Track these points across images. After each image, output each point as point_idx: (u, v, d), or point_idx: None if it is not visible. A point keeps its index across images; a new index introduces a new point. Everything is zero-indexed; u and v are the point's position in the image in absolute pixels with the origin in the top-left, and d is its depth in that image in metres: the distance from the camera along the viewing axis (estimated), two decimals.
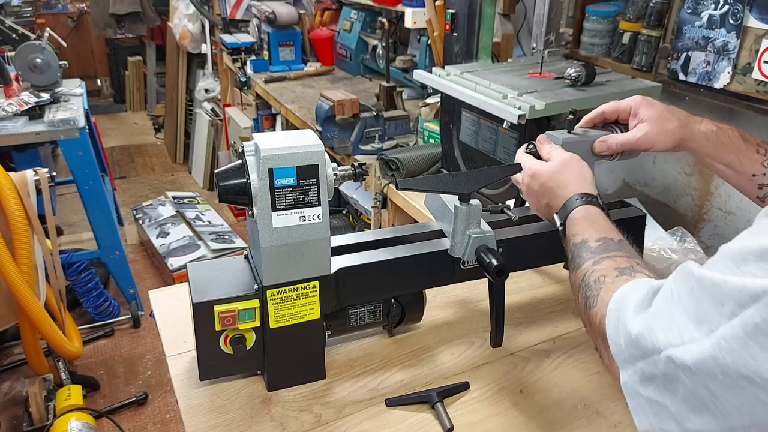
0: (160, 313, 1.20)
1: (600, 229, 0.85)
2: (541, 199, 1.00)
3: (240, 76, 3.32)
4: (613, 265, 0.76)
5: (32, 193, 2.04)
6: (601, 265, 0.77)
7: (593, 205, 0.91)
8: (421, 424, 0.96)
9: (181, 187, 4.65)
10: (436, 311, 1.23)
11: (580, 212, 0.90)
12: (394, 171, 1.89)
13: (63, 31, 5.78)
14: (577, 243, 0.85)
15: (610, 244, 0.82)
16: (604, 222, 0.88)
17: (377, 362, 1.09)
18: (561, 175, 0.97)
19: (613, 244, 0.82)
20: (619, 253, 0.79)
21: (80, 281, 2.80)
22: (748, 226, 0.57)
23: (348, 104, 2.08)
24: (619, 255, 0.78)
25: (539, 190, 1.00)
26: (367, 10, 3.04)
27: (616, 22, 1.63)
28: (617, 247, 0.81)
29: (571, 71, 1.42)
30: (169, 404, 2.53)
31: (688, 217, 1.62)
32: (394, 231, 1.11)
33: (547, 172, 0.98)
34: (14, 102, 2.51)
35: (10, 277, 1.95)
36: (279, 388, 1.01)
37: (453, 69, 1.62)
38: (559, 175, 0.97)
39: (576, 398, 1.02)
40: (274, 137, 0.90)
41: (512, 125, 1.37)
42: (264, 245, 0.90)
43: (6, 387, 2.54)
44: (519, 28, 2.09)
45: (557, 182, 0.96)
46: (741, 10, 1.30)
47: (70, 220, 3.97)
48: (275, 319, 0.95)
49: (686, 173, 1.60)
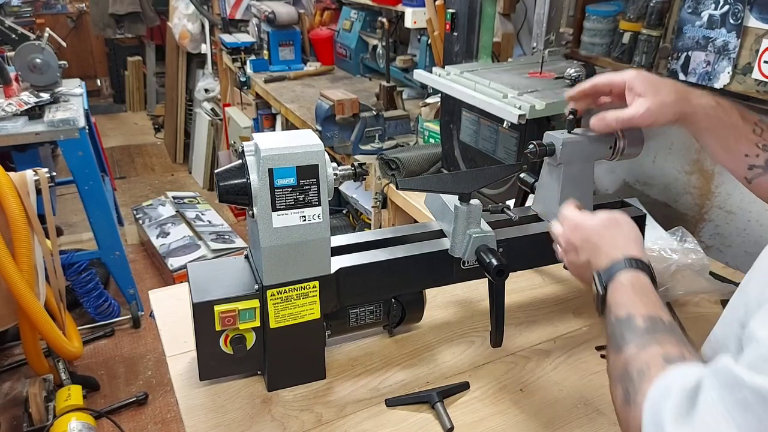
0: (160, 313, 1.20)
1: (648, 304, 0.74)
2: (581, 254, 0.90)
3: (240, 76, 3.32)
4: (659, 352, 0.66)
5: (32, 193, 2.04)
6: (646, 353, 0.67)
7: (643, 273, 0.79)
8: (422, 424, 0.96)
9: (181, 187, 4.65)
10: (437, 311, 1.23)
11: (627, 278, 0.78)
12: (394, 171, 1.89)
13: (62, 31, 5.78)
14: (621, 318, 0.74)
15: (659, 325, 0.70)
16: (653, 295, 0.76)
17: (378, 362, 1.09)
18: (608, 231, 0.87)
19: (663, 325, 0.71)
20: (668, 336, 0.68)
21: (80, 281, 2.80)
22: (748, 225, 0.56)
23: (348, 104, 2.08)
24: (669, 340, 0.68)
25: (580, 245, 0.90)
26: (367, 10, 3.04)
27: (617, 21, 1.63)
28: (666, 329, 0.70)
29: (572, 71, 1.42)
30: (169, 404, 2.53)
31: (688, 217, 1.62)
32: (394, 231, 1.11)
33: (593, 225, 0.89)
34: (14, 102, 2.51)
35: (10, 277, 1.95)
36: (279, 388, 1.01)
37: (453, 69, 1.62)
38: (606, 231, 0.87)
39: (576, 397, 1.02)
40: (274, 137, 0.90)
41: (512, 125, 1.37)
42: (264, 245, 0.90)
43: (6, 387, 2.53)
44: (519, 27, 2.09)
45: (603, 238, 0.86)
46: (741, 9, 1.30)
47: (70, 220, 3.97)
48: (275, 319, 0.95)
49: (686, 172, 1.60)
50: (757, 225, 1.44)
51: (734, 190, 1.48)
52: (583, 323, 1.21)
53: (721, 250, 1.54)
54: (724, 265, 1.47)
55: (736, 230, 1.49)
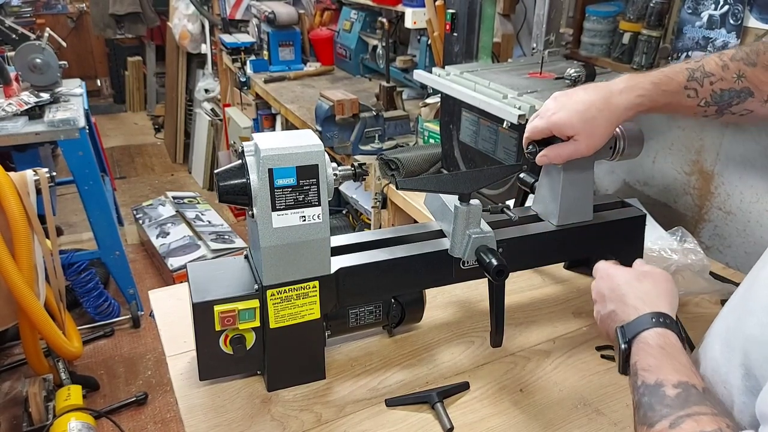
0: (160, 313, 1.20)
1: (679, 369, 0.68)
2: (608, 304, 0.84)
3: (240, 76, 3.32)
4: (697, 429, 0.60)
5: (32, 193, 2.04)
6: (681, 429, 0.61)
7: (672, 332, 0.73)
8: (421, 424, 0.96)
9: (181, 187, 4.65)
10: (436, 311, 1.23)
11: (654, 338, 0.72)
12: (394, 171, 1.89)
13: (63, 32, 5.78)
14: (649, 384, 0.68)
15: (692, 394, 0.64)
16: (684, 358, 0.70)
17: (377, 362, 1.09)
18: (640, 282, 0.82)
19: (696, 394, 0.65)
20: (703, 408, 0.62)
21: (80, 281, 2.80)
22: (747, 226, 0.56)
23: (348, 104, 2.08)
24: (704, 413, 0.62)
25: (608, 294, 0.85)
26: (367, 10, 3.04)
27: (616, 22, 1.63)
28: (700, 399, 0.64)
29: (572, 71, 1.42)
30: (169, 404, 2.53)
31: (688, 217, 1.62)
32: (394, 231, 1.11)
33: (625, 275, 0.84)
34: (14, 102, 2.51)
35: (10, 277, 1.95)
36: (279, 388, 1.01)
37: (453, 69, 1.62)
38: (638, 282, 0.82)
39: (576, 397, 1.02)
40: (274, 137, 0.90)
41: (512, 125, 1.37)
42: (264, 245, 0.90)
43: (6, 387, 2.53)
44: (519, 28, 2.09)
45: (633, 288, 0.81)
46: (741, 10, 1.31)
47: (70, 220, 3.97)
48: (275, 319, 0.95)
49: (686, 173, 1.60)
50: (757, 225, 1.44)
51: (734, 190, 1.48)
52: (583, 323, 1.21)
53: (720, 250, 1.54)
54: (724, 265, 1.47)
55: (736, 231, 1.49)
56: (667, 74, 0.97)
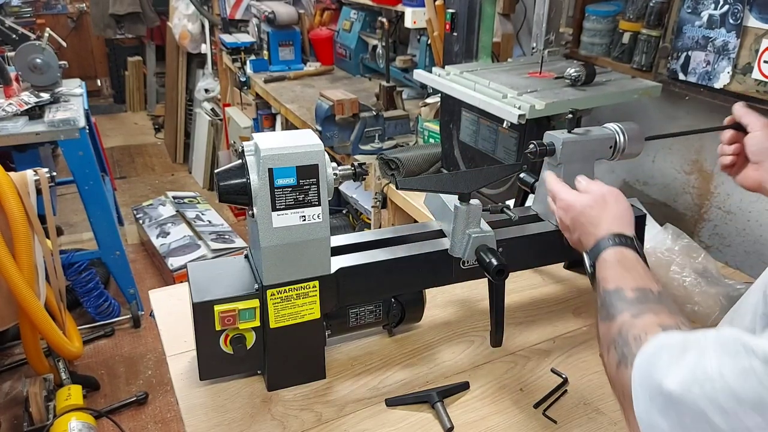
0: (161, 313, 1.20)
1: (637, 277, 0.75)
2: (573, 234, 0.94)
3: (240, 76, 3.32)
4: (656, 321, 0.66)
5: (32, 193, 2.04)
6: (642, 320, 0.67)
7: (628, 248, 0.81)
8: (421, 424, 0.96)
9: (181, 187, 4.65)
10: (436, 310, 1.23)
11: (612, 255, 0.81)
12: (394, 171, 1.89)
13: (63, 32, 5.78)
14: (609, 291, 0.75)
15: (650, 296, 0.72)
16: (641, 269, 0.78)
17: (377, 361, 1.09)
18: (594, 210, 0.89)
19: (653, 296, 0.72)
20: (661, 307, 0.70)
21: (80, 281, 2.80)
22: (747, 225, 0.56)
23: (348, 104, 2.08)
24: (662, 310, 0.69)
25: (571, 225, 0.93)
26: (366, 10, 3.04)
27: (616, 21, 1.63)
28: (657, 299, 0.71)
29: (571, 71, 1.42)
30: (169, 404, 2.53)
31: (687, 217, 1.62)
32: (394, 231, 1.11)
33: (580, 206, 0.91)
34: (14, 102, 2.51)
35: (11, 277, 1.95)
36: (279, 387, 1.01)
37: (453, 69, 1.62)
38: (593, 210, 0.89)
39: (576, 397, 1.02)
40: (274, 137, 0.91)
41: (512, 125, 1.37)
42: (264, 245, 0.90)
43: (7, 387, 2.54)
44: (519, 27, 2.09)
45: (590, 218, 0.89)
46: (741, 9, 1.31)
47: (70, 220, 3.97)
48: (275, 318, 0.96)
49: (686, 172, 1.61)
50: (757, 225, 1.44)
51: (733, 190, 1.48)
52: (583, 323, 1.21)
53: (720, 249, 1.54)
54: (724, 264, 1.47)
55: (736, 230, 1.49)
56: None
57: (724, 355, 0.51)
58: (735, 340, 0.52)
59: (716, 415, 0.50)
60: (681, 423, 0.53)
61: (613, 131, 1.12)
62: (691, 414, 0.52)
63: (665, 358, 0.56)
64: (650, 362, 0.58)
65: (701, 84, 1.43)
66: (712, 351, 0.53)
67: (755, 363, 0.48)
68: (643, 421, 0.57)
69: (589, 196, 0.92)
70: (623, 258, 0.80)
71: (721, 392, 0.50)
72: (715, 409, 0.50)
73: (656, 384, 0.55)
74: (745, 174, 1.01)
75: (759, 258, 1.45)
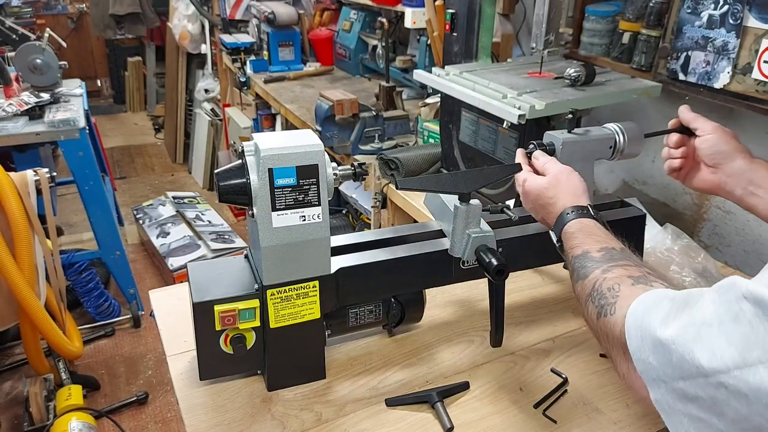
0: (161, 313, 1.20)
1: (599, 240, 0.83)
2: (538, 215, 1.00)
3: (239, 77, 3.32)
4: (625, 274, 0.73)
5: (32, 194, 2.04)
6: (612, 273, 0.74)
7: (586, 217, 0.89)
8: (421, 424, 0.96)
9: (181, 187, 4.65)
10: (436, 310, 1.23)
11: (573, 226, 0.88)
12: (394, 171, 1.89)
13: (63, 32, 5.78)
14: (577, 255, 0.83)
15: (614, 253, 0.79)
16: (602, 232, 0.85)
17: (377, 361, 1.09)
18: (550, 191, 0.96)
19: (617, 253, 0.79)
20: (626, 262, 0.76)
21: (81, 281, 2.80)
22: (746, 225, 0.57)
23: (347, 104, 2.08)
24: (628, 264, 0.76)
25: (533, 208, 1.00)
26: (366, 10, 3.04)
27: (616, 21, 1.63)
28: (622, 256, 0.78)
29: (571, 71, 1.42)
30: (169, 404, 2.53)
31: (687, 216, 1.62)
32: (394, 231, 1.11)
33: (537, 189, 0.98)
34: (14, 102, 2.51)
35: (11, 277, 1.95)
36: (279, 387, 1.01)
37: (453, 69, 1.63)
38: (548, 192, 0.96)
39: (576, 396, 1.02)
40: (274, 137, 0.91)
41: (512, 125, 1.37)
42: (264, 245, 0.90)
43: (7, 387, 2.54)
44: (519, 28, 2.09)
45: (547, 199, 0.96)
46: (741, 10, 1.31)
47: (70, 220, 3.97)
48: (275, 318, 0.96)
49: None
50: (756, 224, 1.44)
51: None
52: (583, 323, 1.21)
53: (720, 249, 1.54)
54: (723, 264, 1.47)
55: (735, 230, 1.49)
56: None
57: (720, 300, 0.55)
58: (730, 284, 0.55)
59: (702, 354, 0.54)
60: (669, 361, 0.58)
61: (613, 131, 1.12)
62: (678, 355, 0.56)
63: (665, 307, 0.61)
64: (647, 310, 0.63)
65: (701, 84, 1.43)
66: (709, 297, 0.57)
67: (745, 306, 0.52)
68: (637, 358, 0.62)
69: (544, 179, 0.99)
70: (583, 226, 0.87)
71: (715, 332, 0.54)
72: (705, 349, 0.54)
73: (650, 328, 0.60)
74: (701, 178, 1.06)
75: (758, 257, 1.46)
